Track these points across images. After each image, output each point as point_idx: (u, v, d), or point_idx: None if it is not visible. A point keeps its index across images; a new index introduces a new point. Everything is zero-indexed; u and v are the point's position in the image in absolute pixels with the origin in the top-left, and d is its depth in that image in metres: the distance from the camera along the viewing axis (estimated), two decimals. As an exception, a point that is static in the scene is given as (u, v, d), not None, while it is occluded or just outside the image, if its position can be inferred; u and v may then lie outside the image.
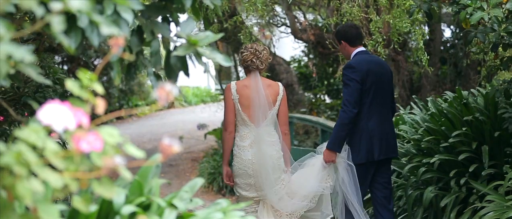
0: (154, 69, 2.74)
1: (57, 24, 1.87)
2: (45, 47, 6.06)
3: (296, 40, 13.43)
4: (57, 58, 12.96)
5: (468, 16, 5.24)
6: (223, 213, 2.48)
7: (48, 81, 2.29)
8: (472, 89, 7.48)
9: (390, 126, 6.07)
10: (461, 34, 12.23)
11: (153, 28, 2.63)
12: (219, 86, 16.69)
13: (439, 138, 6.85)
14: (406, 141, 7.53)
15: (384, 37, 8.09)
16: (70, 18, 2.07)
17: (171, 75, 2.66)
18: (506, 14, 5.52)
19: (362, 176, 5.86)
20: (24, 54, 1.80)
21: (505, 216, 5.42)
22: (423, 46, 7.92)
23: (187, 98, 24.22)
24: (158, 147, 1.89)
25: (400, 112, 8.47)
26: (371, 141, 5.87)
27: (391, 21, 7.81)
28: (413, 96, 8.91)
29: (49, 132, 1.81)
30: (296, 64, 15.54)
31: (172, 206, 2.45)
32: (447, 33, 13.61)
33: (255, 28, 12.15)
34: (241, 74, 13.66)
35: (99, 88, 1.97)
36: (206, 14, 8.20)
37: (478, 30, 5.63)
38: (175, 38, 2.63)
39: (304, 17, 13.47)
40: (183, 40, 2.56)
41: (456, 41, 12.93)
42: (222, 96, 8.92)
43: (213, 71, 16.92)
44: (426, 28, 11.74)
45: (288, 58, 15.58)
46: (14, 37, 1.84)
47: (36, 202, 1.81)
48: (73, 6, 1.92)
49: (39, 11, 1.87)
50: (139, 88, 22.14)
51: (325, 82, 14.50)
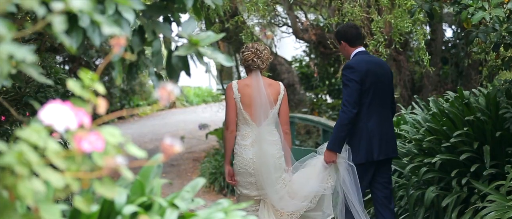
0: (156, 69, 2.74)
1: (59, 24, 1.87)
2: (47, 47, 6.06)
3: (298, 40, 13.43)
4: (59, 58, 12.97)
5: (470, 16, 5.24)
6: (225, 213, 2.48)
7: (50, 81, 2.29)
8: (474, 89, 7.47)
9: (390, 126, 6.07)
10: (463, 34, 12.21)
11: (155, 28, 2.63)
12: (221, 86, 16.68)
13: (441, 137, 6.84)
14: (408, 140, 7.52)
15: (386, 37, 8.09)
16: (72, 18, 2.07)
17: (173, 75, 2.66)
18: (508, 14, 5.52)
19: (362, 176, 5.87)
20: (26, 54, 1.80)
21: (507, 216, 5.42)
22: (425, 46, 7.91)
23: (189, 98, 24.22)
24: (160, 147, 1.89)
25: (402, 111, 8.47)
26: (371, 141, 5.87)
27: (393, 21, 7.80)
28: (415, 96, 8.91)
29: (51, 131, 1.81)
30: (298, 64, 15.53)
31: (174, 206, 2.45)
32: (449, 33, 13.60)
33: (257, 28, 12.15)
34: (243, 74, 13.65)
35: (101, 88, 1.97)
36: (208, 14, 8.20)
37: (480, 30, 5.63)
38: (177, 38, 2.63)
39: (306, 17, 13.47)
40: (185, 40, 2.56)
41: (458, 41, 12.92)
42: (224, 96, 8.92)
43: (215, 71, 16.92)
44: (428, 28, 11.72)
45: (290, 58, 15.57)
46: (16, 37, 1.84)
47: (38, 202, 1.81)
48: (75, 6, 1.92)
49: (41, 11, 1.87)
50: (141, 88, 22.15)
51: (327, 82, 14.50)
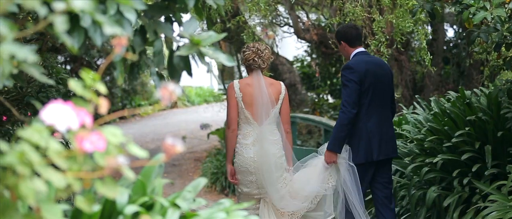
0: (157, 69, 2.74)
1: (60, 24, 1.87)
2: (48, 47, 6.06)
3: (299, 40, 13.42)
4: (60, 58, 12.97)
5: (471, 16, 5.24)
6: (226, 213, 2.48)
7: (51, 81, 2.29)
8: (475, 89, 7.46)
9: (390, 126, 6.06)
10: (464, 34, 12.20)
11: (156, 28, 2.63)
12: (222, 86, 16.68)
13: (442, 137, 6.84)
14: (409, 140, 7.52)
15: (387, 37, 8.08)
16: (73, 18, 2.07)
17: (174, 75, 2.66)
18: (509, 14, 5.51)
19: (362, 176, 5.86)
20: (27, 54, 1.80)
21: (508, 215, 5.42)
22: (426, 46, 7.91)
23: (190, 98, 24.21)
24: (161, 146, 1.89)
25: (403, 111, 8.47)
26: (370, 141, 5.87)
27: (394, 21, 7.80)
28: (416, 96, 8.90)
29: (52, 131, 1.81)
30: (299, 64, 15.53)
31: (175, 206, 2.45)
32: (450, 33, 13.60)
33: (258, 28, 12.15)
34: (244, 74, 13.65)
35: (102, 88, 1.97)
36: (209, 14, 8.20)
37: (481, 30, 5.62)
38: (178, 38, 2.63)
39: (307, 17, 13.47)
40: (186, 40, 2.56)
41: (459, 41, 12.92)
42: (225, 96, 8.93)
43: (216, 71, 16.91)
44: (429, 28, 11.73)
45: (291, 58, 15.57)
46: (17, 37, 1.84)
47: (39, 202, 1.81)
48: (76, 6, 1.92)
49: (42, 11, 1.87)
50: (142, 88, 22.15)
51: (328, 82, 14.50)
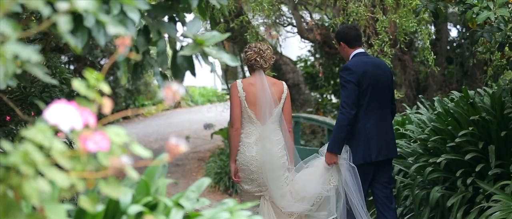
0: (161, 69, 2.74)
1: (64, 24, 1.87)
2: (52, 47, 6.07)
3: (303, 40, 13.42)
4: (64, 58, 12.98)
5: (475, 16, 5.23)
6: (230, 212, 2.48)
7: (55, 81, 2.29)
8: (479, 89, 7.45)
9: (389, 127, 6.06)
10: (468, 34, 12.20)
11: (160, 28, 2.63)
12: (226, 86, 16.69)
13: (446, 137, 6.83)
14: (413, 140, 7.51)
15: (391, 37, 8.07)
16: (77, 18, 2.07)
17: (178, 75, 2.66)
18: (513, 14, 5.51)
19: (361, 177, 5.86)
20: (31, 54, 1.80)
21: (512, 216, 5.42)
22: (430, 46, 7.89)
23: (194, 98, 24.22)
24: (165, 146, 1.89)
25: (407, 111, 8.46)
26: (369, 142, 5.87)
27: (398, 21, 7.79)
28: (420, 96, 8.90)
29: (56, 131, 1.81)
30: (303, 64, 15.53)
31: (179, 205, 2.45)
32: (454, 33, 13.59)
33: (262, 28, 12.14)
34: (247, 74, 13.64)
35: (106, 88, 1.97)
36: (213, 14, 8.20)
37: (485, 30, 5.62)
38: (182, 38, 2.63)
39: (311, 17, 13.46)
40: (190, 40, 2.56)
41: (463, 41, 12.91)
42: (228, 96, 8.93)
43: (220, 71, 16.93)
44: (433, 28, 11.72)
45: (295, 58, 15.57)
46: (21, 37, 1.84)
47: (43, 201, 1.81)
48: (80, 6, 1.92)
49: (46, 11, 1.87)
50: (146, 88, 22.17)
51: (331, 82, 14.49)
